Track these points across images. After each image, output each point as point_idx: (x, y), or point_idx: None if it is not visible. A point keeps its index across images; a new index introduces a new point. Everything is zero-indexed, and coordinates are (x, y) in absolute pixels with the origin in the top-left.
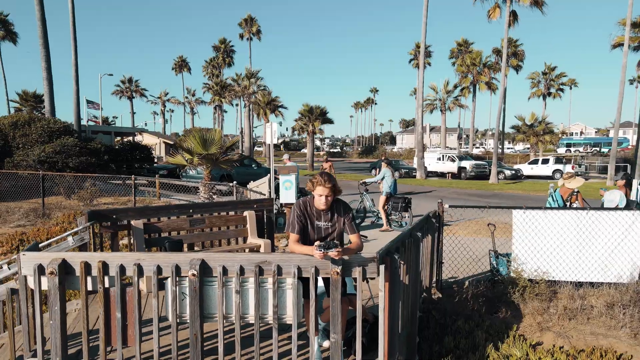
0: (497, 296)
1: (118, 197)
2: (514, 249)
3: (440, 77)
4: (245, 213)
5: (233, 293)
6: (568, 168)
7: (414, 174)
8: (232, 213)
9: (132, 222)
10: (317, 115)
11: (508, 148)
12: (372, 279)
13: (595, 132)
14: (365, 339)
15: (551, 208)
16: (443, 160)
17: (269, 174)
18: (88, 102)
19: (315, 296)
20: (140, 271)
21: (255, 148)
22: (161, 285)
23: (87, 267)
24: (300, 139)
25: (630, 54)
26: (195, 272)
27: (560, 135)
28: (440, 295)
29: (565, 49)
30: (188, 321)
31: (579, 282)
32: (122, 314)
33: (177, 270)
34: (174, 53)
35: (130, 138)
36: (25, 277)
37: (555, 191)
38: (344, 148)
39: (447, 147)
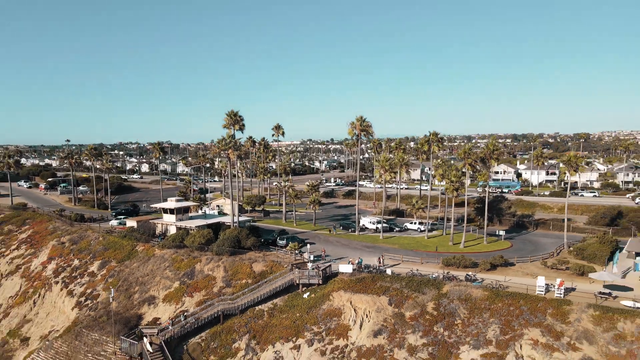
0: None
1: None
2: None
3: None
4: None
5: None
6: (422, 227)
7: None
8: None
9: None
10: (316, 189)
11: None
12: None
13: (513, 172)
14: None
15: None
16: (374, 224)
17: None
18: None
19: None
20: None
21: None
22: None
23: None
24: (303, 165)
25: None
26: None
27: (489, 175)
28: None
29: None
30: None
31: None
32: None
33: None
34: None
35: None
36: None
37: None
38: (336, 183)
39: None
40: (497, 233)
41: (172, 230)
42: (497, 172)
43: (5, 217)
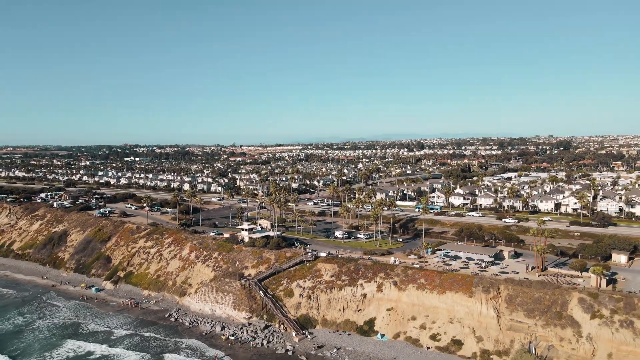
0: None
1: None
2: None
3: None
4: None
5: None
6: (364, 236)
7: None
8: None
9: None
10: (313, 213)
11: None
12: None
13: (444, 196)
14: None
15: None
16: (341, 235)
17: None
18: None
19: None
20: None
21: None
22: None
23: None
24: (305, 185)
25: None
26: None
27: (427, 199)
28: None
29: None
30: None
31: None
32: None
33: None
34: None
35: None
36: None
37: None
38: (327, 204)
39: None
40: (398, 239)
41: (247, 239)
42: (433, 197)
43: (150, 231)
